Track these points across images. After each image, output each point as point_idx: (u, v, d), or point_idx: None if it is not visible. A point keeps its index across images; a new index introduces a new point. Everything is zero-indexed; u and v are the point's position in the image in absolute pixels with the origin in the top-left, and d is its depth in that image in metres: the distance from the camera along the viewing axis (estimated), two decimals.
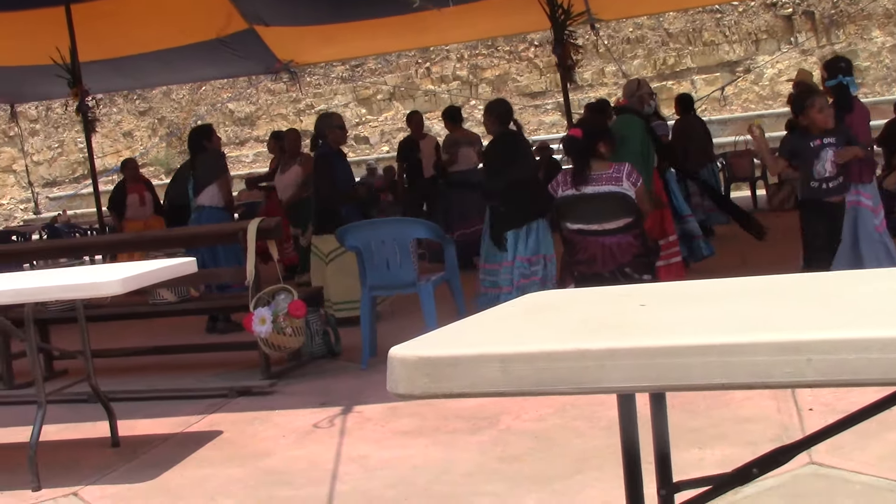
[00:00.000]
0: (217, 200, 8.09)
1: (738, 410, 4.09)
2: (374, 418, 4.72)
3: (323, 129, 7.53)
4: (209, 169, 8.17)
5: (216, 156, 8.40)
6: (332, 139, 7.51)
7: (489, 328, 1.77)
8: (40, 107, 23.65)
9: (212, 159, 8.27)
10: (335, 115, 8.08)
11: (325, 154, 7.48)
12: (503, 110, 7.21)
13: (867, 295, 1.69)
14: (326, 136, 7.49)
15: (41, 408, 4.27)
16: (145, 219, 10.68)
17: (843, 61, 6.50)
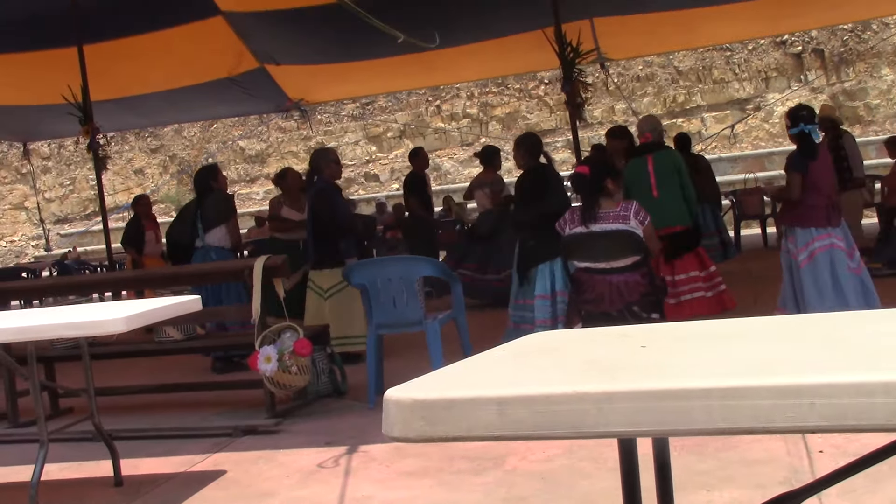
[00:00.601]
0: (225, 241, 8.11)
1: (746, 453, 4.03)
2: (379, 458, 4.67)
3: (319, 163, 7.53)
4: (218, 210, 8.18)
5: (225, 197, 8.41)
6: (328, 174, 7.52)
7: (487, 370, 1.74)
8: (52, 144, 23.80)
9: (221, 200, 8.28)
10: (331, 150, 8.09)
11: (323, 189, 7.48)
12: (532, 143, 7.26)
13: (872, 337, 1.65)
14: (323, 171, 7.50)
15: (43, 447, 4.23)
16: (158, 256, 10.73)
17: (804, 110, 6.64)
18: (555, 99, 20.87)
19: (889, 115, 19.91)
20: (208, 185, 8.28)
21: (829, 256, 6.39)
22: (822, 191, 6.40)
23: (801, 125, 6.46)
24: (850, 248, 6.53)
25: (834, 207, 6.48)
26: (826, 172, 6.53)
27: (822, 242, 6.38)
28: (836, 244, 6.40)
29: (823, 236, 6.38)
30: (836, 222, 6.46)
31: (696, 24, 11.55)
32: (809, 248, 6.42)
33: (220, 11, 10.14)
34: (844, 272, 6.39)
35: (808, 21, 13.55)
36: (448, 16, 10.18)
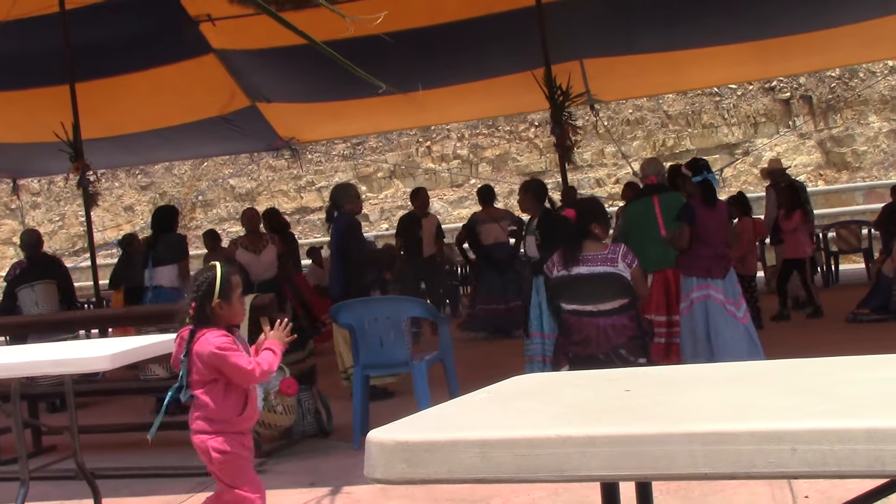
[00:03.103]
0: (175, 281, 8.05)
1: (732, 497, 4.01)
2: (363, 500, 4.64)
3: (340, 199, 7.58)
4: (172, 250, 8.17)
5: (180, 238, 8.42)
6: (349, 209, 7.56)
7: (470, 412, 1.73)
8: (42, 180, 23.76)
9: (175, 240, 8.28)
10: (351, 186, 8.11)
11: (350, 223, 7.50)
12: (539, 188, 7.39)
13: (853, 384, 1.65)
14: (343, 206, 7.53)
15: (24, 485, 4.19)
16: None
17: (702, 160, 7.02)
18: (545, 141, 20.96)
19: (876, 161, 20.05)
20: (169, 224, 8.29)
21: (705, 307, 6.65)
22: (709, 243, 6.69)
23: (704, 173, 6.76)
24: (735, 299, 6.77)
25: (720, 259, 6.74)
26: (716, 225, 6.78)
27: (698, 293, 6.67)
28: (713, 295, 6.66)
29: (701, 286, 6.66)
30: (717, 274, 6.71)
31: (684, 66, 11.65)
32: (689, 297, 6.69)
33: (212, 49, 10.19)
34: (723, 322, 6.63)
35: (796, 66, 13.66)
36: (439, 56, 10.25)
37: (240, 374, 3.53)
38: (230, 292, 3.59)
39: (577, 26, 9.83)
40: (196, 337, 3.56)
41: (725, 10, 9.87)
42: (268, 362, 3.58)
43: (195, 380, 3.57)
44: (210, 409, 3.56)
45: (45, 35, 9.04)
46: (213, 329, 3.56)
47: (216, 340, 3.51)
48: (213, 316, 3.57)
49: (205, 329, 3.55)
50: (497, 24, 9.65)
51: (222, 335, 3.55)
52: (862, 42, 11.14)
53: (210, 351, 3.50)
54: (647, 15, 9.96)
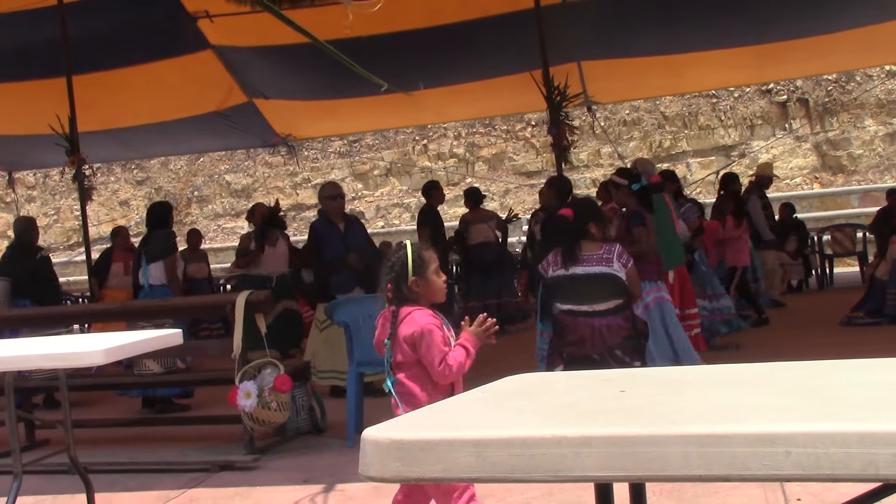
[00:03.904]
0: (161, 278, 8.03)
1: (726, 499, 4.02)
2: (356, 497, 4.64)
3: (319, 198, 7.68)
4: (159, 246, 8.14)
5: (166, 233, 8.40)
6: (325, 209, 7.62)
7: (465, 411, 1.74)
8: (38, 174, 23.75)
9: (163, 236, 8.26)
10: (327, 185, 8.08)
11: (312, 225, 7.63)
12: (563, 186, 7.46)
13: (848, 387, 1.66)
14: (321, 206, 7.66)
15: (17, 479, 4.18)
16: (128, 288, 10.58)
17: (635, 169, 7.25)
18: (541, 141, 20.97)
19: (871, 165, 20.09)
20: (164, 221, 8.27)
21: (660, 308, 6.78)
22: (654, 247, 6.89)
23: (642, 181, 6.97)
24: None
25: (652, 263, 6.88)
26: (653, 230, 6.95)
27: (653, 295, 6.78)
28: (665, 297, 6.84)
29: (653, 290, 6.77)
30: (655, 277, 6.86)
31: (682, 69, 11.66)
32: (644, 300, 6.73)
33: (209, 45, 10.18)
34: (674, 322, 6.83)
35: (793, 70, 13.69)
36: (437, 56, 10.25)
37: (429, 365, 3.38)
38: (424, 269, 3.47)
39: (575, 29, 9.84)
40: (401, 317, 3.43)
41: (724, 15, 9.88)
42: (458, 362, 3.37)
43: (399, 362, 3.43)
44: (415, 398, 3.39)
45: (43, 27, 9.02)
46: (420, 308, 3.44)
47: (423, 320, 3.41)
48: (411, 295, 3.45)
49: (410, 308, 3.44)
50: (496, 26, 9.65)
51: (431, 315, 3.44)
52: (859, 47, 11.16)
53: (413, 331, 3.37)
54: (646, 18, 9.97)
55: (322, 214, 7.77)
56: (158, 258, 8.06)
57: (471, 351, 3.42)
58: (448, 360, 3.35)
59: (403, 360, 3.42)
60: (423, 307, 3.46)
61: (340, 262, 7.58)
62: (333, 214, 7.70)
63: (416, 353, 3.39)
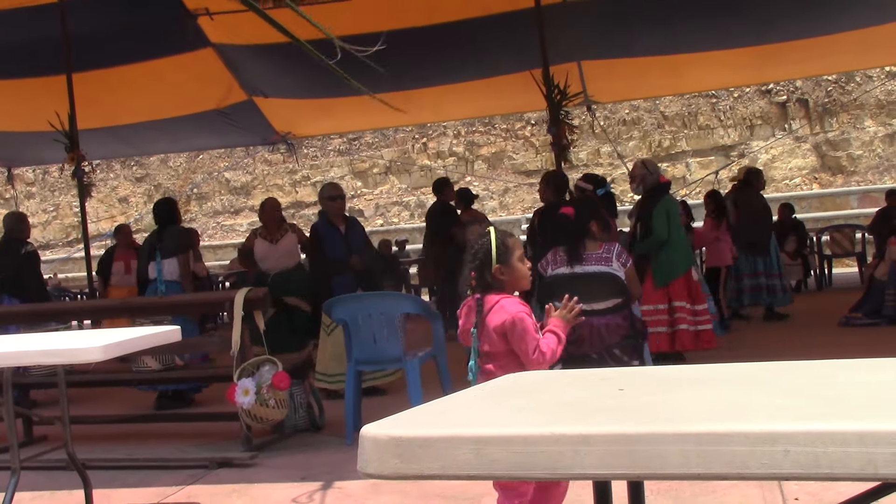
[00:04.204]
0: (175, 274, 8.01)
1: (723, 498, 4.02)
2: (354, 495, 4.64)
3: (319, 200, 7.67)
4: (175, 242, 8.12)
5: (183, 230, 8.37)
6: (325, 209, 7.61)
7: (464, 408, 1.74)
8: (37, 170, 23.74)
9: (179, 232, 8.23)
10: (327, 186, 8.02)
11: (314, 226, 7.60)
12: (560, 182, 7.44)
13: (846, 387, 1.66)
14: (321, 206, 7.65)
15: (14, 474, 4.18)
16: (129, 286, 10.57)
17: (598, 175, 7.40)
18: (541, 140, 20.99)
19: (871, 165, 20.10)
20: (168, 217, 8.24)
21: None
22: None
23: (607, 185, 7.09)
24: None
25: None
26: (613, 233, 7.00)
27: None
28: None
29: None
30: None
31: (682, 69, 11.66)
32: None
33: (209, 43, 10.17)
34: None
35: (793, 70, 13.70)
36: (437, 55, 10.25)
37: (522, 354, 3.30)
38: (508, 256, 3.41)
39: (575, 28, 9.84)
40: (488, 305, 3.36)
41: (724, 15, 9.88)
42: (550, 349, 3.30)
43: (487, 352, 3.36)
44: None
45: (43, 25, 9.02)
46: (508, 296, 3.38)
47: (513, 308, 3.33)
48: (495, 283, 3.40)
49: (497, 295, 3.38)
50: (496, 24, 9.65)
51: (521, 303, 3.37)
52: (859, 48, 11.16)
53: (504, 320, 3.30)
54: (646, 18, 9.97)
55: (323, 215, 7.76)
56: (173, 254, 8.04)
57: (561, 336, 3.37)
58: (541, 347, 3.29)
59: (492, 349, 3.35)
60: (510, 295, 3.40)
61: (344, 263, 7.57)
62: (334, 216, 7.69)
63: (506, 343, 3.32)
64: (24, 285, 8.48)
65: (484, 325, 3.35)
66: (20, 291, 8.34)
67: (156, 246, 8.09)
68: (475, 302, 3.40)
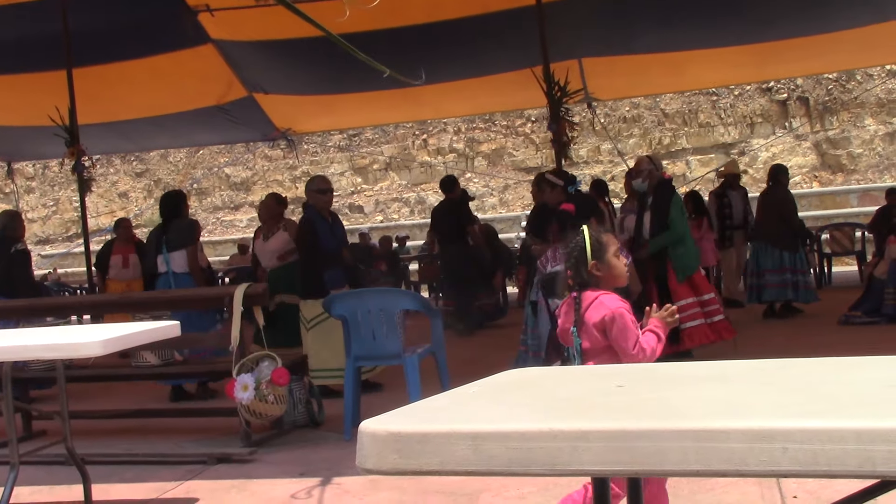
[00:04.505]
0: (184, 266, 8.00)
1: (722, 496, 4.02)
2: (353, 490, 4.64)
3: (306, 193, 7.62)
4: (182, 235, 8.11)
5: (190, 223, 8.36)
6: (313, 203, 7.55)
7: (463, 404, 1.74)
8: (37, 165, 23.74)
9: (186, 225, 8.22)
10: (317, 179, 7.96)
11: (306, 219, 7.52)
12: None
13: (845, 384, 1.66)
14: (309, 201, 7.58)
15: (14, 469, 4.19)
16: (127, 280, 10.56)
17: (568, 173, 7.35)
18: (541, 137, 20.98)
19: (871, 164, 20.10)
20: (174, 211, 8.23)
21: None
22: None
23: (577, 182, 7.11)
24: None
25: None
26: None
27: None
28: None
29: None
30: None
31: (683, 67, 11.65)
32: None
33: (210, 39, 10.16)
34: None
35: (793, 68, 13.70)
36: (437, 52, 10.24)
37: (621, 350, 3.26)
38: (603, 252, 3.40)
39: (576, 26, 9.83)
40: (587, 302, 3.33)
41: (724, 13, 9.88)
42: (651, 348, 3.26)
43: (588, 349, 3.32)
44: None
45: (44, 20, 9.02)
46: (608, 293, 3.35)
47: (613, 304, 3.31)
48: (591, 280, 3.37)
49: (595, 292, 3.35)
50: (497, 22, 9.64)
51: (619, 299, 3.34)
52: (860, 46, 11.16)
53: (604, 315, 3.28)
54: (646, 16, 9.97)
55: (310, 208, 7.63)
56: (180, 247, 8.04)
57: (661, 336, 3.34)
58: (641, 343, 3.26)
59: (591, 346, 3.32)
60: (608, 291, 3.37)
61: (338, 256, 7.56)
62: (322, 209, 7.66)
63: (605, 339, 3.30)
64: (13, 284, 8.45)
65: (583, 322, 3.33)
66: (10, 290, 8.31)
67: (162, 239, 8.07)
68: (573, 300, 3.38)
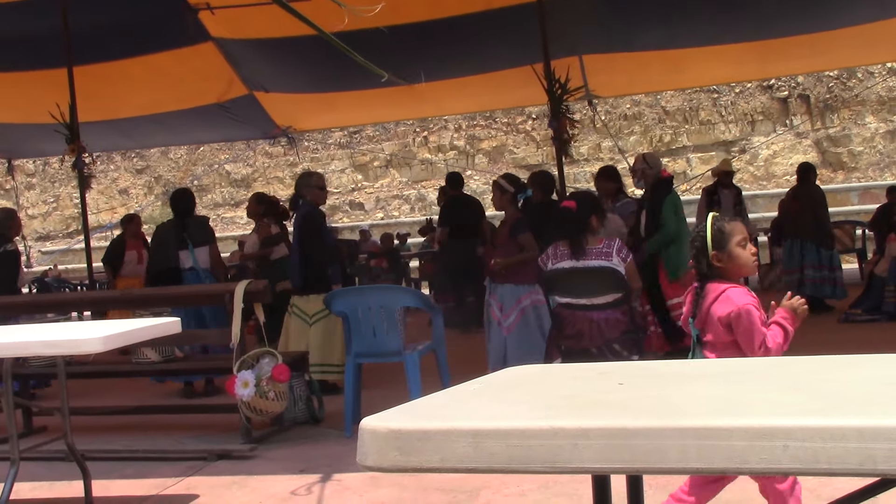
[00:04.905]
0: (207, 264, 8.07)
1: (721, 494, 4.01)
2: (353, 487, 4.65)
3: (302, 189, 7.52)
4: (204, 231, 8.16)
5: (206, 220, 8.41)
6: (311, 199, 7.48)
7: (463, 401, 1.74)
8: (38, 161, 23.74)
9: (204, 223, 8.26)
10: (314, 175, 7.91)
11: (311, 214, 7.44)
12: (546, 181, 7.57)
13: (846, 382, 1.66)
14: (305, 197, 7.47)
15: (14, 465, 4.19)
16: (141, 276, 10.57)
17: (520, 180, 7.35)
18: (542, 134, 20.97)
19: (872, 162, 20.09)
20: (190, 208, 8.26)
21: (536, 311, 6.73)
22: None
23: (526, 192, 7.07)
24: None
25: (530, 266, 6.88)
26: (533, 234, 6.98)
27: (532, 297, 6.72)
28: (541, 299, 6.71)
29: (532, 292, 6.73)
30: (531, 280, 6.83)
31: (684, 64, 11.64)
32: (521, 304, 6.74)
33: (210, 37, 10.16)
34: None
35: (795, 66, 13.68)
36: (438, 50, 10.23)
37: (746, 347, 3.19)
38: (726, 242, 3.31)
39: (577, 23, 9.83)
40: (713, 294, 3.28)
41: (725, 10, 9.87)
42: (777, 344, 3.16)
43: (710, 341, 3.27)
44: None
45: (45, 18, 9.01)
46: (736, 286, 3.29)
47: (741, 300, 3.23)
48: (713, 270, 3.32)
49: (722, 285, 3.29)
50: (497, 19, 9.63)
51: (748, 293, 3.26)
52: (861, 44, 11.15)
53: (731, 311, 3.21)
54: (647, 13, 9.95)
55: (308, 203, 7.55)
56: (203, 243, 8.09)
57: (789, 329, 3.24)
58: (767, 342, 3.18)
59: (715, 339, 3.27)
60: (734, 283, 3.32)
61: (337, 251, 7.57)
62: (319, 205, 7.64)
63: (730, 334, 3.24)
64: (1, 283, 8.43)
65: (708, 315, 3.28)
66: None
67: (183, 235, 8.09)
68: (694, 291, 3.35)
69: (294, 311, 7.41)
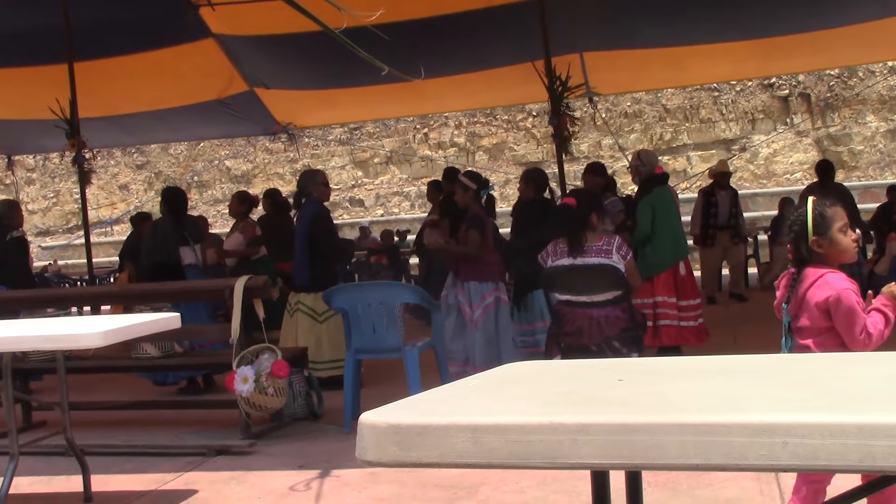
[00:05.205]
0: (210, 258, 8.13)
1: (720, 491, 4.03)
2: (351, 483, 4.65)
3: (308, 186, 7.49)
4: (199, 230, 8.19)
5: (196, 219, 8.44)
6: (316, 196, 7.46)
7: (463, 397, 1.74)
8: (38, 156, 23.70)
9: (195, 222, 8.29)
10: (318, 173, 7.94)
11: (323, 212, 7.43)
12: (540, 178, 7.54)
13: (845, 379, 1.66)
14: (311, 194, 7.44)
15: (13, 459, 4.20)
16: None
17: (483, 176, 7.40)
18: (542, 131, 20.95)
19: (872, 161, 20.08)
20: (185, 206, 8.30)
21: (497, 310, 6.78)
22: (493, 250, 6.93)
23: (489, 187, 7.16)
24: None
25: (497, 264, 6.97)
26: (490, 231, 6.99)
27: (493, 296, 6.77)
28: (503, 298, 6.84)
29: (494, 290, 6.79)
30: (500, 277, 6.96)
31: (684, 62, 11.63)
32: (484, 302, 6.76)
33: (211, 34, 10.15)
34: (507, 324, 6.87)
35: (795, 64, 13.66)
36: (439, 46, 10.22)
37: (847, 335, 3.10)
38: (827, 227, 3.22)
39: (578, 20, 9.81)
40: (809, 279, 3.21)
41: (727, 8, 9.85)
42: (878, 330, 3.09)
43: (804, 327, 3.19)
44: None
45: (45, 14, 8.99)
46: (834, 271, 3.21)
47: (840, 284, 3.16)
48: (813, 256, 3.23)
49: (820, 270, 3.21)
50: (498, 16, 9.62)
51: (847, 279, 3.20)
52: (862, 43, 11.13)
53: (829, 296, 3.13)
54: (648, 10, 9.94)
55: (315, 201, 7.51)
56: (201, 240, 8.14)
57: (890, 316, 3.16)
58: (868, 328, 3.11)
59: (811, 325, 3.19)
60: (833, 269, 3.24)
61: (343, 248, 7.58)
62: (324, 201, 7.62)
63: (828, 320, 3.16)
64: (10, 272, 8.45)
65: (804, 300, 3.22)
66: (6, 278, 8.29)
67: (185, 232, 8.12)
68: (790, 277, 3.29)
69: (301, 309, 7.38)
